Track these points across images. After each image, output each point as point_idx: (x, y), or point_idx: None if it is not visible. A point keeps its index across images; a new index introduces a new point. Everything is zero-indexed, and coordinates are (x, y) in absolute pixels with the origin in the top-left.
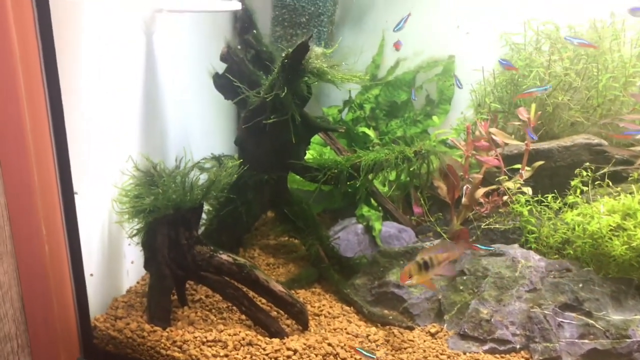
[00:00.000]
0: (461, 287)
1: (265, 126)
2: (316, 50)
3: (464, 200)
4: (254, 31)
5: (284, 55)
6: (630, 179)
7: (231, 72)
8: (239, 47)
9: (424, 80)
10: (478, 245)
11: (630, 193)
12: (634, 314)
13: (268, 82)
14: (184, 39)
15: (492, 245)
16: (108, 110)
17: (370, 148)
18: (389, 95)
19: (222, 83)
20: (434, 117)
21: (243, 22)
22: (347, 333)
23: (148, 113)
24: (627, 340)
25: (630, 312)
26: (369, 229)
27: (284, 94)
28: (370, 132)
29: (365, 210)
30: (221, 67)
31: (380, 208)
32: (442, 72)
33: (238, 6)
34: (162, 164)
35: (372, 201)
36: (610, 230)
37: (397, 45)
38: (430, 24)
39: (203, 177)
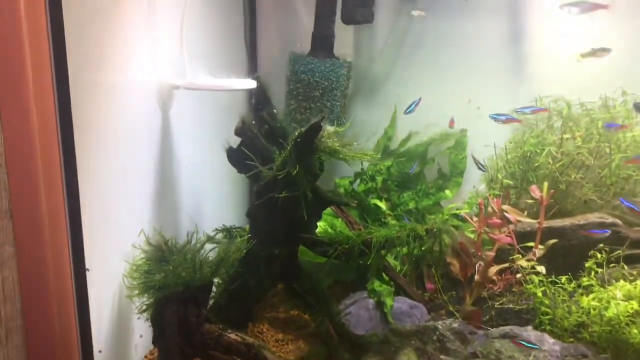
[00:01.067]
0: None
1: (276, 201)
2: (328, 129)
3: (476, 277)
4: (274, 110)
5: (296, 134)
6: None
7: (245, 146)
8: (253, 122)
9: (436, 153)
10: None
11: None
12: None
13: (280, 159)
14: (199, 113)
15: (506, 328)
16: (122, 185)
17: (382, 220)
18: (401, 167)
19: (235, 157)
20: (447, 191)
21: (258, 98)
22: None
23: (162, 186)
24: None
25: None
26: (380, 305)
27: (295, 171)
28: (382, 204)
29: (376, 285)
30: (235, 142)
31: (391, 282)
32: (454, 145)
33: (253, 85)
34: (172, 240)
35: (384, 275)
36: (628, 316)
37: (452, 123)
38: (442, 98)
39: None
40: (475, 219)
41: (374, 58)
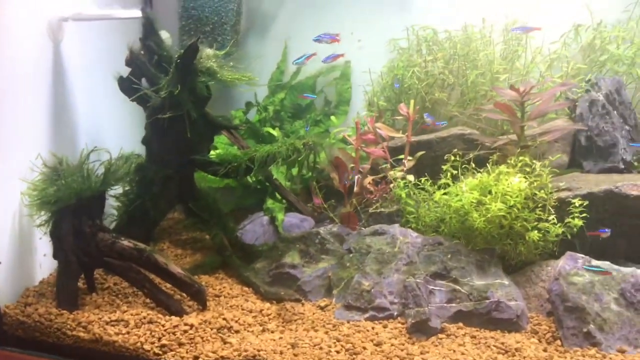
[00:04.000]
0: (348, 264)
1: (164, 123)
2: (208, 51)
3: (355, 188)
4: (161, 40)
5: (176, 56)
6: (490, 161)
7: (135, 75)
8: (141, 52)
9: (324, 84)
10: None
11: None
12: (494, 279)
13: (164, 81)
14: (96, 46)
15: (376, 226)
16: (14, 116)
17: None
18: (294, 99)
19: (126, 86)
20: (332, 118)
21: (145, 28)
22: (242, 309)
23: (59, 116)
24: (487, 301)
25: (491, 278)
26: (272, 220)
27: (177, 91)
28: (275, 132)
29: (270, 203)
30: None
31: (284, 201)
32: (340, 76)
33: (138, 14)
34: (67, 159)
35: (277, 195)
36: (475, 206)
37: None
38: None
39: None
40: (354, 138)
41: None
